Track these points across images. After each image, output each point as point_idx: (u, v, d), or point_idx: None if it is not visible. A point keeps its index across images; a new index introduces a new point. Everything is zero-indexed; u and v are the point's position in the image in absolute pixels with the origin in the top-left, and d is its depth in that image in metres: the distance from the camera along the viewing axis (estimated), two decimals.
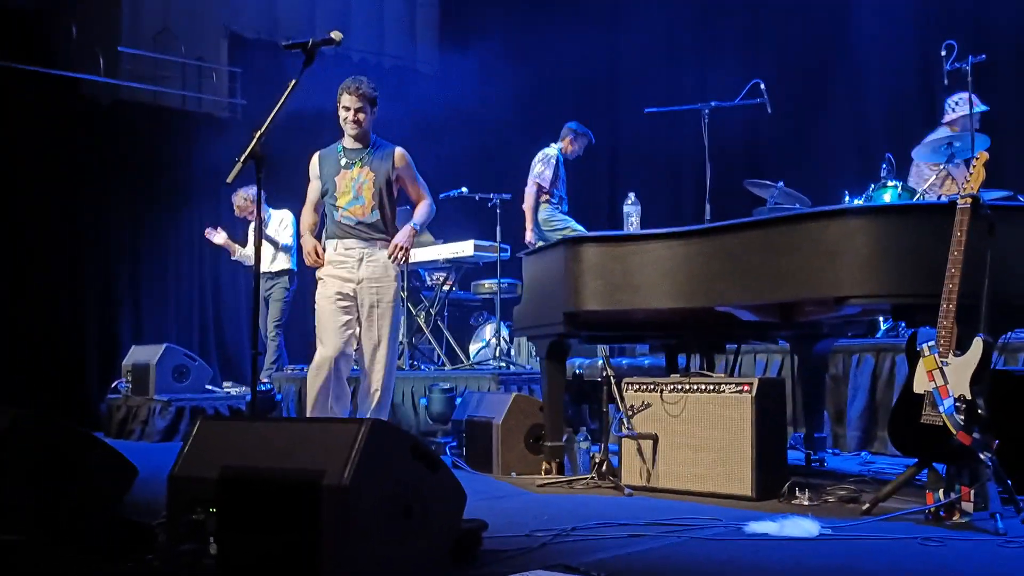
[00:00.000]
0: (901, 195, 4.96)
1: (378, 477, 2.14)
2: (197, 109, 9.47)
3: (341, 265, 4.32)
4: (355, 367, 4.42)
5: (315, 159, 4.48)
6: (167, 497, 2.36)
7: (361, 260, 4.30)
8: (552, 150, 7.08)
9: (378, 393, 4.29)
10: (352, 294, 4.29)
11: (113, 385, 7.34)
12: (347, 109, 4.33)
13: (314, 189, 4.46)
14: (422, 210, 4.46)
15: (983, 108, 5.52)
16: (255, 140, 3.08)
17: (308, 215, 4.48)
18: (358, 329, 4.31)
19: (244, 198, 7.26)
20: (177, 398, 6.77)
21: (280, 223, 7.42)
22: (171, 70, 9.34)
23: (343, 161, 4.38)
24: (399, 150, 4.43)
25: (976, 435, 2.87)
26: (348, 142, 4.40)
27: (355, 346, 4.32)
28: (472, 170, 7.27)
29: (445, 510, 2.34)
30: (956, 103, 5.67)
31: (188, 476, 2.34)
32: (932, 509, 2.93)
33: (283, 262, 7.39)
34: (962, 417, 2.89)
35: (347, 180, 4.35)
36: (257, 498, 2.21)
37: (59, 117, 8.20)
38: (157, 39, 9.25)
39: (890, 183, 5.08)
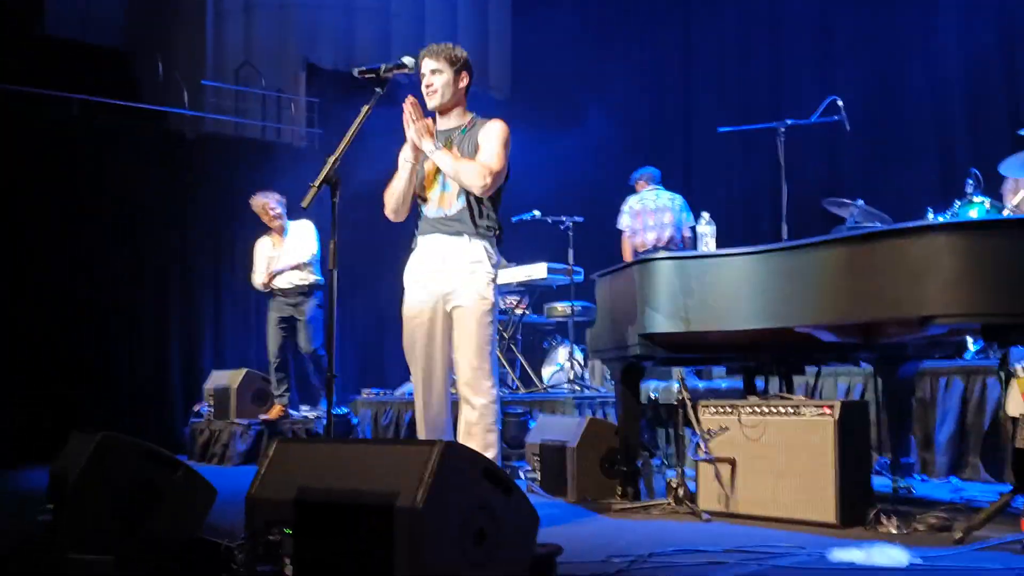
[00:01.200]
0: (988, 211, 4.79)
1: (451, 499, 2.14)
2: (276, 139, 9.73)
3: (420, 267, 3.68)
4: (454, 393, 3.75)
5: (408, 143, 3.72)
6: (244, 518, 2.39)
7: (444, 259, 3.61)
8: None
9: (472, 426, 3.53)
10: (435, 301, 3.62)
11: (196, 409, 7.52)
12: (423, 76, 3.64)
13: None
14: (469, 163, 3.56)
15: None
16: (329, 165, 3.13)
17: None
18: (449, 346, 3.62)
19: (261, 204, 6.92)
20: (256, 422, 6.89)
21: (298, 236, 6.97)
22: (252, 102, 9.63)
23: (438, 143, 3.67)
24: (492, 122, 3.65)
25: None
26: (440, 121, 3.71)
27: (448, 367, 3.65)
28: (545, 193, 7.28)
29: (519, 534, 2.32)
30: None
31: (265, 497, 2.37)
32: None
33: (309, 276, 6.92)
34: None
35: (435, 166, 3.66)
36: (332, 519, 2.22)
37: (146, 150, 8.52)
38: (239, 72, 9.55)
39: (976, 199, 4.90)
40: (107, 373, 8.05)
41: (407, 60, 3.44)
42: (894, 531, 3.21)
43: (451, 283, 3.59)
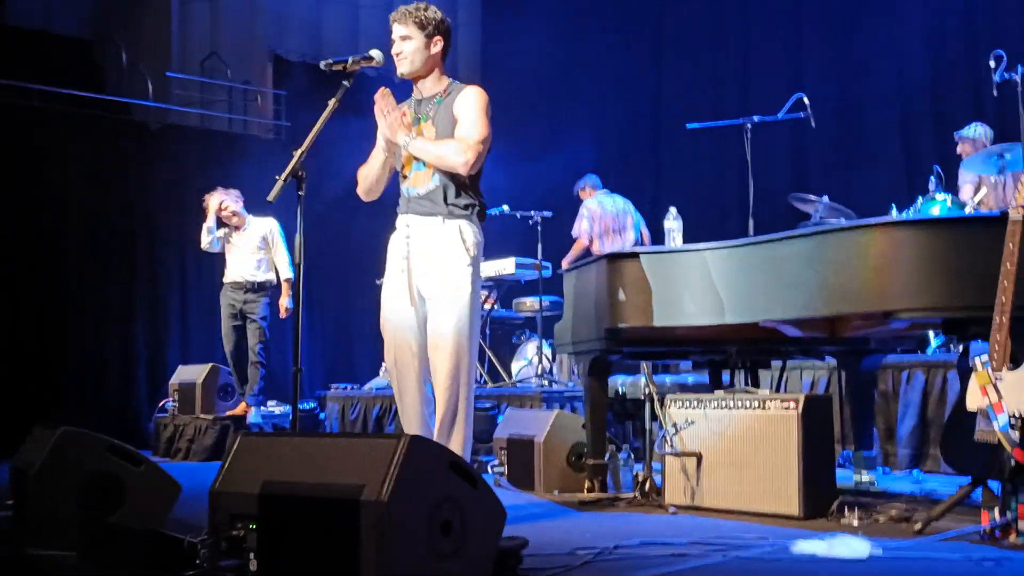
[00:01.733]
0: (950, 208, 4.85)
1: (418, 492, 2.13)
2: (243, 132, 9.63)
3: (395, 251, 3.46)
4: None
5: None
6: (208, 513, 2.37)
7: (418, 241, 3.39)
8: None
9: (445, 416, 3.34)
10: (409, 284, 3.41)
11: (160, 404, 7.44)
12: (392, 41, 3.40)
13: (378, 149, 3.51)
14: (442, 142, 3.33)
15: None
16: (296, 159, 3.11)
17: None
18: (423, 336, 3.40)
19: (217, 202, 6.75)
20: (222, 417, 6.83)
21: (267, 236, 6.83)
22: (218, 93, 9.53)
23: (411, 115, 3.45)
24: (468, 88, 3.42)
25: None
26: (416, 91, 3.49)
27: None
28: (513, 187, 7.28)
29: (485, 527, 2.32)
30: None
31: (228, 492, 2.35)
32: (987, 529, 2.84)
33: (261, 273, 6.83)
34: (1018, 434, 2.80)
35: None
36: (297, 514, 2.21)
37: (111, 141, 8.40)
38: (204, 64, 9.45)
39: (939, 196, 4.96)
40: (71, 367, 7.94)
41: (375, 53, 3.40)
42: (856, 523, 3.25)
43: (424, 268, 3.38)
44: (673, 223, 4.31)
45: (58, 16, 9.22)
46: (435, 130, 3.39)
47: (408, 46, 3.39)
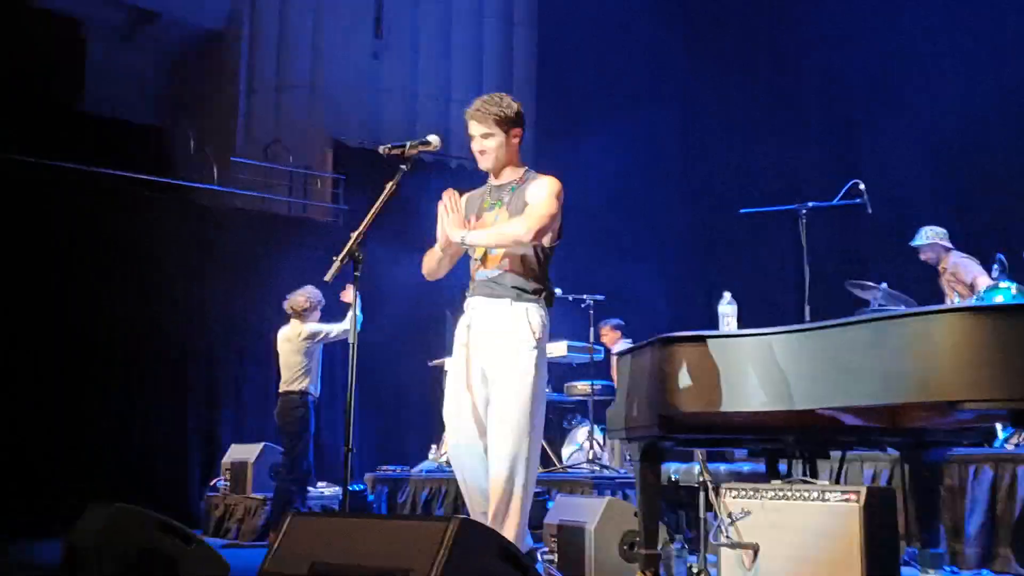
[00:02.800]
0: (1015, 296, 4.75)
1: None
2: (302, 215, 9.88)
3: (461, 332, 3.47)
4: None
5: (462, 200, 3.57)
6: None
7: (484, 325, 3.40)
8: None
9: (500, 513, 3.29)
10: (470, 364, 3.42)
11: (212, 483, 7.47)
12: (472, 139, 3.47)
13: None
14: (502, 228, 3.38)
15: None
16: (353, 240, 3.16)
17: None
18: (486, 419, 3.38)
19: (306, 297, 6.49)
20: (272, 496, 6.82)
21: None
22: (279, 178, 9.83)
23: (486, 202, 3.52)
24: (543, 178, 3.45)
25: None
26: (493, 178, 3.56)
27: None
28: (566, 271, 7.33)
29: None
30: None
31: (278, 571, 2.33)
32: None
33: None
34: None
35: (486, 226, 3.48)
36: None
37: (175, 224, 8.67)
38: (268, 150, 9.78)
39: (1003, 284, 4.87)
40: (125, 445, 8.04)
41: (432, 138, 3.47)
42: None
43: (489, 350, 3.38)
44: (727, 308, 4.27)
45: (130, 104, 9.65)
46: (508, 215, 3.43)
47: (490, 143, 3.44)
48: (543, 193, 3.40)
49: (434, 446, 7.96)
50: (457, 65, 10.93)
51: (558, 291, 6.82)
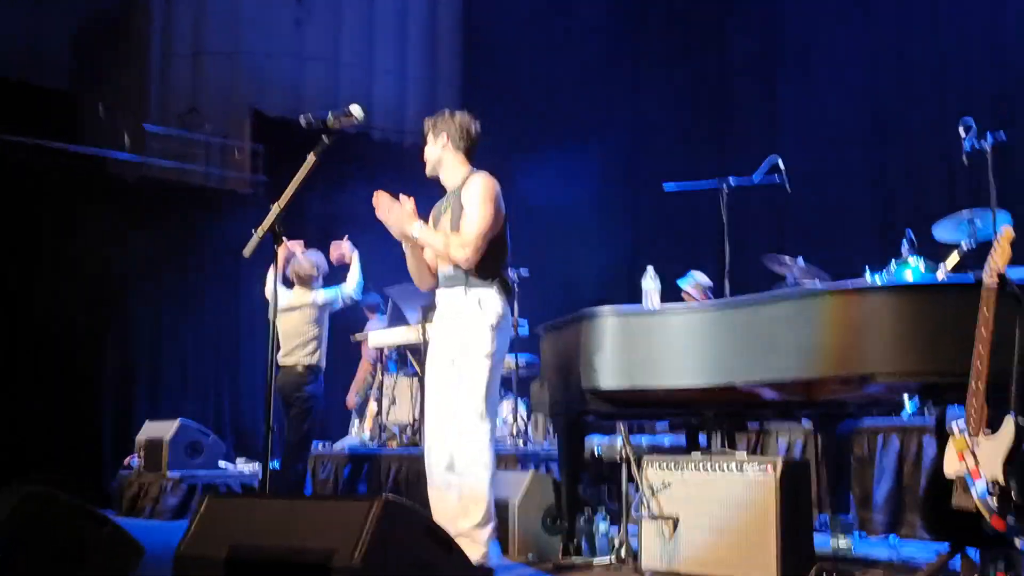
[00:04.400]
0: (923, 272, 4.91)
1: (390, 557, 2.07)
2: (220, 186, 9.61)
3: (434, 324, 3.82)
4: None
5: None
6: None
7: (446, 314, 3.72)
8: None
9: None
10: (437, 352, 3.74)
11: (125, 461, 7.27)
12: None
13: None
14: (444, 236, 3.64)
15: None
16: (273, 214, 3.08)
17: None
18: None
19: (312, 263, 6.08)
20: (189, 475, 6.68)
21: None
22: (196, 148, 9.53)
23: (443, 205, 3.81)
24: (473, 179, 3.70)
25: (1011, 520, 2.76)
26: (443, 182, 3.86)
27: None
28: None
29: None
30: None
31: (194, 556, 2.28)
32: None
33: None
34: (996, 501, 2.79)
35: (439, 226, 3.77)
36: None
37: (85, 193, 8.34)
38: (183, 118, 9.47)
39: (911, 259, 5.04)
40: (35, 423, 7.76)
41: (355, 109, 3.40)
42: None
43: (450, 338, 3.68)
44: (651, 283, 4.30)
45: (36, 68, 9.24)
46: (451, 218, 3.68)
47: (427, 152, 3.78)
48: (474, 208, 3.62)
49: (356, 422, 7.90)
50: (381, 34, 10.73)
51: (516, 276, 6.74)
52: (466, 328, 3.62)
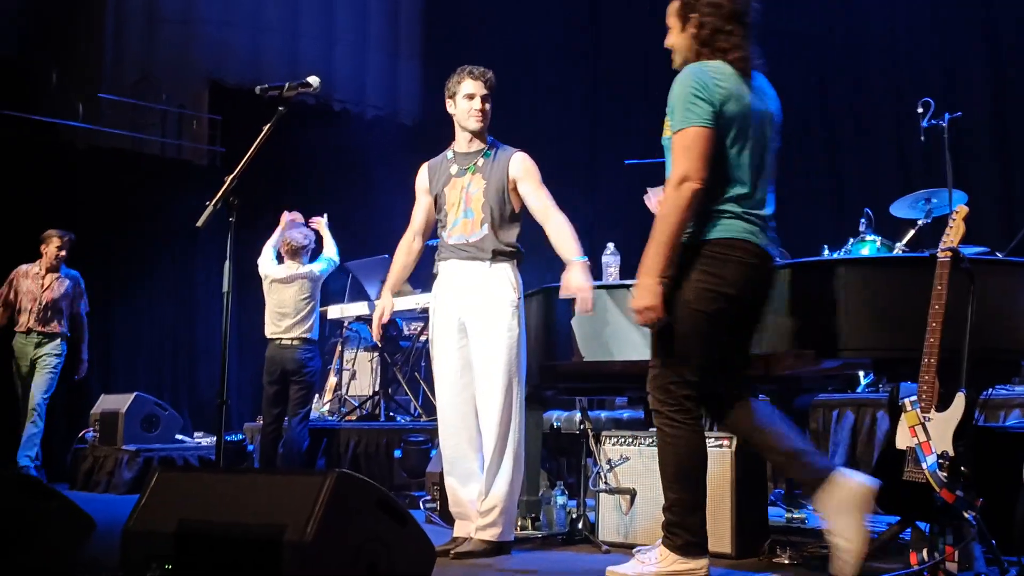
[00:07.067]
0: (880, 249, 4.96)
1: (342, 532, 2.06)
2: (176, 156, 9.43)
3: (443, 295, 3.64)
4: None
5: (423, 170, 3.77)
6: (120, 552, 2.25)
7: (464, 286, 3.58)
8: None
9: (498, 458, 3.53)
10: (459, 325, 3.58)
11: (80, 435, 7.16)
12: (470, 98, 3.60)
13: (420, 208, 3.77)
14: (565, 234, 3.62)
15: None
16: (227, 184, 3.03)
17: (403, 251, 3.79)
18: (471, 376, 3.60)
19: (304, 234, 6.09)
20: (145, 448, 6.59)
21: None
22: (151, 117, 9.32)
23: (453, 168, 3.66)
24: (519, 155, 3.66)
25: (960, 493, 2.80)
26: (461, 144, 3.71)
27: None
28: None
29: (413, 566, 2.25)
30: None
31: (144, 530, 2.24)
32: (916, 569, 2.85)
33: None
34: (945, 474, 2.83)
35: (457, 191, 3.64)
36: (215, 554, 2.11)
37: (36, 162, 8.13)
38: (138, 86, 9.25)
39: (868, 237, 5.09)
40: None
41: (312, 79, 3.38)
42: (787, 561, 3.25)
43: (472, 310, 3.56)
44: (610, 258, 4.31)
45: None
46: (484, 180, 3.61)
47: (488, 106, 3.66)
48: (539, 188, 3.67)
49: (315, 396, 7.83)
50: (341, 3, 10.56)
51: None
52: (495, 305, 3.54)
